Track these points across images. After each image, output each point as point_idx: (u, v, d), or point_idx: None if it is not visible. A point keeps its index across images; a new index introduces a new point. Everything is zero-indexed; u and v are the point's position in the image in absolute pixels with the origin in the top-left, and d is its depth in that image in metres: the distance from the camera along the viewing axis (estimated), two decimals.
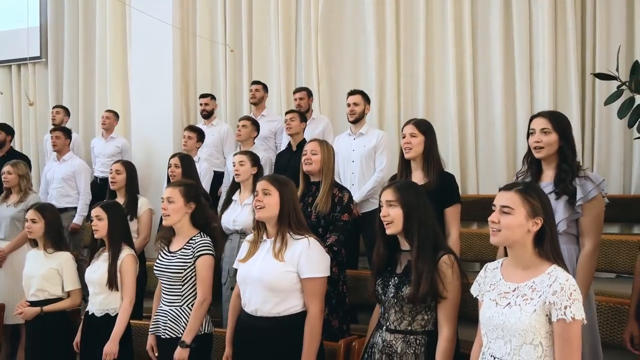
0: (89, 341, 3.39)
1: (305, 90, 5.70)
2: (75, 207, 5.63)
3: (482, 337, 2.13)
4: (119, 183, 4.29)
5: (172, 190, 3.13)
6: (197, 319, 3.02)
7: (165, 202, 3.10)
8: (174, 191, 3.11)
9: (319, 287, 2.69)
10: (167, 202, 3.09)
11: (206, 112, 6.13)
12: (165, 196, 3.11)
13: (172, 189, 3.13)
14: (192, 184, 3.28)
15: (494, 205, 2.08)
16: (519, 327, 1.95)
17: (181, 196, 3.10)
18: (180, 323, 3.03)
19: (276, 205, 2.73)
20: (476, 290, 2.22)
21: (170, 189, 3.14)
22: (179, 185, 3.16)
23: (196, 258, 3.04)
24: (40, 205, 3.72)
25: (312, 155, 3.62)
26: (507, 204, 2.03)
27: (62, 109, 6.82)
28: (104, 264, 3.38)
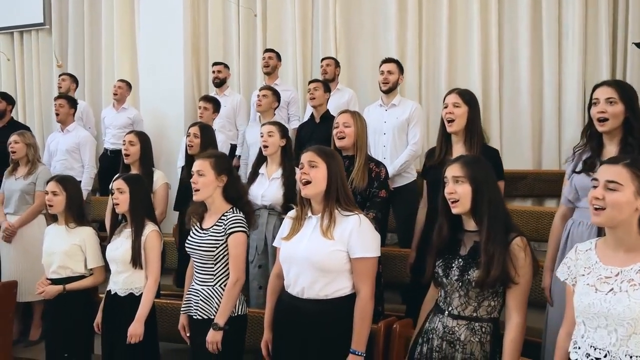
0: (111, 322, 3.19)
1: (332, 59, 5.44)
2: (80, 180, 5.37)
3: (578, 325, 1.92)
4: (132, 155, 4.05)
5: (202, 162, 2.90)
6: (230, 300, 2.83)
7: (195, 175, 2.88)
8: (204, 163, 2.89)
9: (371, 267, 2.48)
10: (197, 175, 2.87)
11: (218, 80, 5.86)
12: (195, 169, 2.89)
13: (202, 161, 2.90)
14: (223, 155, 3.06)
15: (596, 180, 1.86)
16: (627, 315, 1.76)
17: (212, 168, 2.88)
18: (212, 304, 2.85)
19: (324, 180, 2.50)
20: (565, 274, 2.01)
21: (200, 161, 2.91)
22: (210, 157, 2.93)
23: (228, 235, 2.84)
24: (62, 176, 3.48)
25: (345, 127, 3.39)
26: (615, 179, 1.82)
27: (68, 76, 6.52)
28: (127, 241, 3.16)
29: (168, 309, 3.54)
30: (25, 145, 4.46)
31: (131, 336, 3.01)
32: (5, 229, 4.36)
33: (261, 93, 4.84)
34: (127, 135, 4.09)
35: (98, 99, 7.28)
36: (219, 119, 5.56)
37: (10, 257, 4.42)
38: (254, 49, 6.62)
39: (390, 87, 4.50)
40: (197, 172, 2.87)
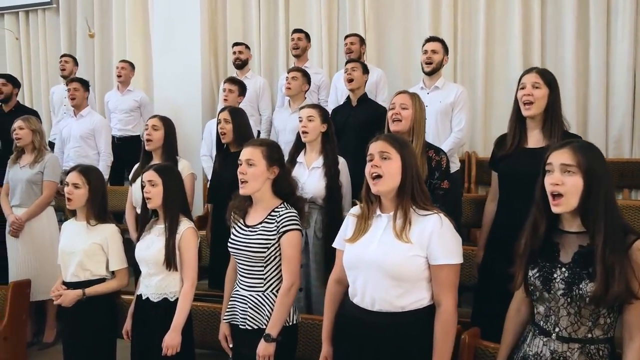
0: (143, 330, 2.83)
1: (357, 36, 5.05)
2: None
3: None
4: (155, 141, 3.69)
5: (252, 150, 2.53)
6: (284, 308, 2.49)
7: (244, 165, 2.52)
8: (255, 152, 2.53)
9: (455, 275, 2.12)
10: (247, 165, 2.51)
11: (240, 61, 5.48)
12: (245, 158, 2.53)
13: (253, 149, 2.54)
14: (275, 144, 2.69)
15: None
16: None
17: (263, 158, 2.52)
18: (263, 312, 2.50)
19: (397, 173, 2.14)
20: None
21: (250, 149, 2.54)
22: (261, 145, 2.57)
23: (281, 234, 2.49)
24: (85, 167, 3.09)
25: (402, 109, 3.03)
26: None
27: (70, 58, 6.15)
28: (159, 239, 2.80)
29: (203, 312, 3.19)
30: (30, 131, 4.09)
31: (167, 347, 2.67)
32: (12, 222, 4.01)
33: (290, 75, 4.46)
34: (151, 120, 3.72)
35: (109, 84, 6.87)
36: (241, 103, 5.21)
37: (19, 254, 4.07)
38: (276, 30, 6.23)
39: (434, 67, 4.13)
40: (247, 162, 2.52)
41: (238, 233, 2.59)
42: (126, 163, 5.52)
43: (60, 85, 6.16)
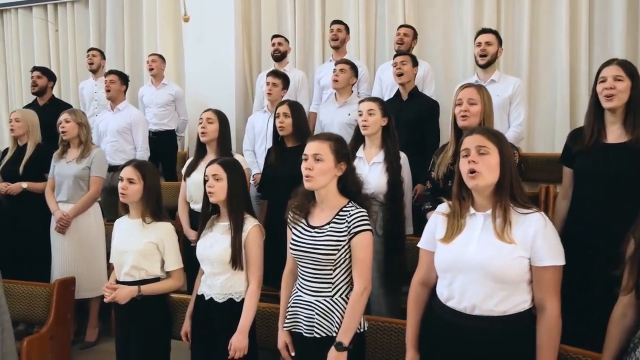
0: (205, 332, 2.72)
1: (411, 29, 4.91)
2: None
3: None
4: (210, 134, 3.57)
5: (320, 144, 2.38)
6: (356, 315, 2.32)
7: (311, 160, 2.36)
8: (323, 146, 2.37)
9: (559, 277, 1.99)
10: (314, 160, 2.36)
11: (279, 53, 5.35)
12: (312, 152, 2.36)
13: (321, 144, 2.38)
14: (342, 139, 2.54)
15: None
16: None
17: (331, 153, 2.37)
18: (333, 319, 2.33)
19: (496, 169, 2.01)
20: None
21: (317, 144, 2.39)
22: (329, 139, 2.41)
23: (352, 235, 2.32)
24: (140, 162, 2.97)
25: (470, 105, 2.90)
26: None
27: (98, 52, 6.03)
28: (223, 237, 2.68)
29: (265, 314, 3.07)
30: (77, 124, 3.97)
31: (235, 350, 2.55)
32: (59, 219, 3.90)
33: (338, 67, 4.32)
34: (205, 113, 3.61)
35: (139, 78, 6.77)
36: None
37: (65, 250, 3.96)
38: (311, 22, 6.09)
39: (489, 60, 4.00)
40: (314, 157, 2.36)
41: (302, 234, 2.42)
42: (161, 157, 5.43)
43: (89, 80, 6.05)
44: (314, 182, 2.36)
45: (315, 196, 2.44)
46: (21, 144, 4.22)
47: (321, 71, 5.32)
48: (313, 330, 2.34)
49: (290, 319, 2.44)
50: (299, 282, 2.45)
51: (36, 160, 4.14)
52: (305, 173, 2.37)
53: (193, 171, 3.59)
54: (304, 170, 2.37)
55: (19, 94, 7.46)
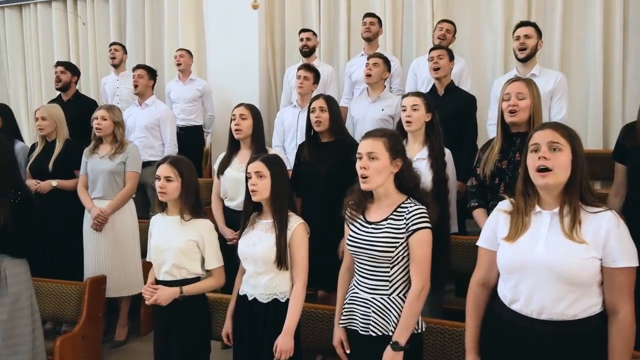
0: (248, 333, 2.63)
1: (451, 24, 4.81)
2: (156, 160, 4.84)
3: None
4: (245, 130, 3.48)
5: (374, 142, 2.32)
6: (414, 314, 2.28)
7: (365, 158, 2.31)
8: (376, 144, 2.31)
9: (632, 279, 1.90)
10: (368, 158, 2.30)
11: (308, 49, 5.25)
12: (366, 150, 2.31)
13: (374, 141, 2.32)
14: (396, 134, 2.46)
15: None
16: None
17: (386, 150, 2.31)
18: (389, 318, 2.29)
19: (568, 166, 1.92)
20: None
21: (371, 141, 2.33)
22: (382, 136, 2.35)
23: (411, 232, 2.27)
24: (176, 159, 2.86)
25: (518, 100, 2.80)
26: None
27: (120, 46, 5.96)
28: (266, 235, 2.59)
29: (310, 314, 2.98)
30: (113, 123, 3.90)
31: (281, 352, 2.47)
32: (97, 215, 3.82)
33: (371, 61, 4.21)
34: (238, 109, 3.51)
35: (160, 71, 6.62)
36: None
37: (100, 248, 3.89)
38: (336, 16, 5.98)
39: (528, 54, 3.88)
40: (368, 155, 2.31)
41: (359, 230, 2.38)
42: (188, 153, 5.30)
43: (111, 76, 5.99)
44: (370, 182, 2.32)
45: (372, 192, 2.39)
46: (49, 140, 4.14)
47: (352, 65, 5.23)
48: (369, 328, 2.31)
49: (346, 315, 2.41)
50: (356, 279, 2.42)
51: (65, 157, 4.07)
52: (360, 173, 2.32)
53: (227, 167, 3.50)
54: (359, 170, 2.33)
55: (38, 89, 7.40)
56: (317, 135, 3.54)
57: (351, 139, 3.61)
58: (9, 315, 3.04)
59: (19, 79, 7.52)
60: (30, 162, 4.12)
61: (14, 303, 3.07)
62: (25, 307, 3.13)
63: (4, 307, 3.04)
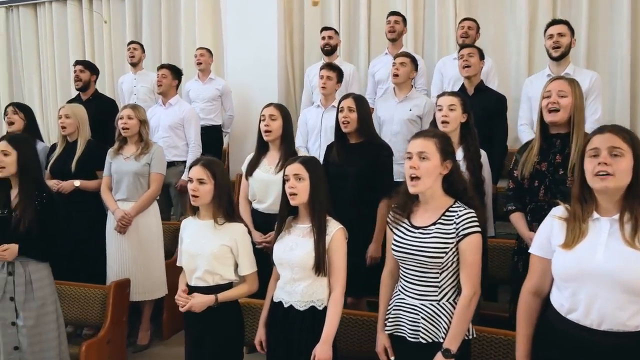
0: (283, 341, 2.55)
1: (474, 21, 4.72)
2: (184, 160, 4.78)
3: None
4: (274, 131, 3.39)
5: (424, 142, 2.24)
6: (465, 320, 2.22)
7: (416, 158, 2.23)
8: (428, 144, 2.24)
9: None
10: (419, 158, 2.22)
11: (329, 47, 5.17)
12: (417, 150, 2.23)
13: (425, 141, 2.25)
14: (446, 135, 2.38)
15: None
16: None
17: (437, 151, 2.24)
18: (440, 324, 2.23)
19: (629, 171, 1.84)
20: None
21: (421, 141, 2.25)
22: (434, 137, 2.27)
23: (461, 237, 2.21)
24: (208, 160, 2.75)
25: (560, 98, 2.71)
26: None
27: (138, 45, 5.88)
28: (304, 241, 2.51)
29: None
30: (139, 121, 3.83)
31: None
32: (121, 218, 3.75)
33: (398, 61, 4.12)
34: (267, 109, 3.43)
35: None
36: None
37: (123, 250, 3.82)
38: (357, 14, 5.89)
39: (562, 52, 3.80)
40: (419, 155, 2.23)
41: (405, 235, 2.31)
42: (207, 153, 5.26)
43: (128, 74, 5.92)
44: (420, 184, 2.25)
45: (418, 195, 2.32)
46: (71, 140, 4.06)
47: (376, 64, 5.15)
48: (418, 334, 2.25)
49: (392, 322, 2.36)
50: (402, 285, 2.36)
51: (88, 157, 3.99)
52: (410, 173, 2.25)
53: (255, 169, 3.42)
54: (409, 170, 2.25)
55: (53, 88, 7.34)
56: (345, 136, 3.46)
57: (380, 139, 3.53)
58: (35, 321, 3.00)
59: (33, 78, 7.47)
60: (51, 163, 4.04)
61: (40, 308, 3.03)
62: (51, 311, 3.08)
63: (30, 312, 3.00)
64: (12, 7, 7.43)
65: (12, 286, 2.99)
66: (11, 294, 2.99)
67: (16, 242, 2.92)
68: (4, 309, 3.00)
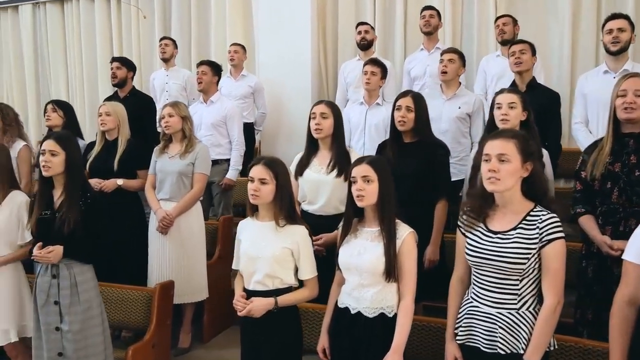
0: (349, 349, 2.43)
1: (510, 17, 4.60)
2: (227, 159, 4.69)
3: None
4: (325, 130, 3.26)
5: (504, 143, 2.13)
6: (548, 331, 2.11)
7: (495, 161, 2.12)
8: (507, 145, 2.12)
9: None
10: (498, 160, 2.11)
11: (366, 42, 5.06)
12: (496, 152, 2.12)
13: (505, 142, 2.13)
14: (526, 135, 2.26)
15: None
16: None
17: (518, 152, 2.12)
18: (520, 335, 2.12)
19: None
20: None
21: (500, 142, 2.14)
22: (514, 137, 2.16)
23: (544, 243, 2.09)
24: (271, 160, 2.64)
25: (636, 97, 2.61)
26: None
27: (170, 40, 5.77)
28: (373, 245, 2.39)
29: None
30: (180, 118, 3.73)
31: None
32: (162, 218, 3.65)
33: (446, 57, 3.98)
34: (319, 106, 3.29)
35: None
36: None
37: (164, 252, 3.73)
38: (392, 9, 5.76)
39: (622, 47, 3.65)
40: (499, 157, 2.11)
41: (481, 240, 2.19)
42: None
43: (160, 71, 5.83)
44: (499, 184, 2.13)
45: (494, 198, 2.20)
46: (110, 139, 3.96)
47: (411, 61, 5.02)
48: (496, 345, 2.14)
49: (464, 331, 2.25)
50: (476, 292, 2.24)
51: (128, 156, 3.89)
52: (488, 175, 2.13)
53: (306, 169, 3.30)
54: (488, 173, 2.14)
55: (80, 85, 7.26)
56: (400, 135, 3.34)
57: (435, 138, 3.42)
58: (81, 325, 2.90)
59: (60, 75, 7.38)
60: (90, 161, 3.94)
61: (86, 311, 2.93)
62: (96, 315, 2.99)
63: (76, 315, 2.90)
64: (38, 3, 7.35)
65: (57, 289, 2.89)
66: (55, 298, 2.89)
67: (60, 244, 2.83)
68: (47, 314, 2.91)
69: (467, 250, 2.23)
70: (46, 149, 2.86)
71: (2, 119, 4.30)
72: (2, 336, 3.18)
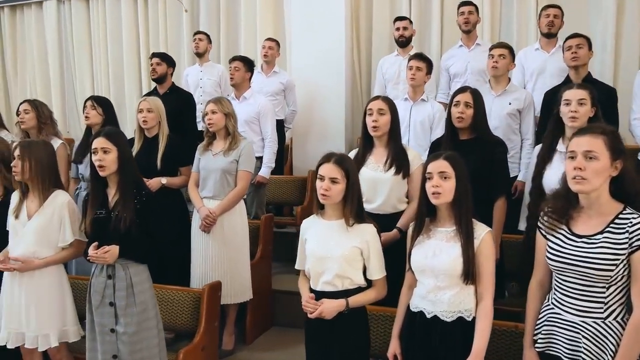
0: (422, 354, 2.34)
1: (559, 8, 4.45)
2: (260, 156, 4.59)
3: None
4: (382, 127, 3.15)
5: (592, 139, 2.02)
6: (638, 344, 1.99)
7: (581, 157, 2.01)
8: (595, 142, 2.01)
9: None
10: (585, 158, 2.00)
11: (404, 38, 4.96)
12: (583, 149, 2.01)
13: (593, 138, 2.02)
14: (616, 131, 2.14)
15: None
16: None
17: (607, 150, 2.01)
18: (607, 346, 2.01)
19: None
20: None
21: (588, 138, 2.03)
22: (602, 133, 2.05)
23: (635, 249, 1.98)
24: (342, 157, 2.52)
25: None
26: None
27: (204, 35, 5.64)
28: (449, 246, 2.30)
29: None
30: (224, 115, 3.63)
31: None
32: (205, 216, 3.56)
33: (496, 53, 3.88)
34: (374, 102, 3.17)
35: None
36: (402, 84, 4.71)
37: (207, 252, 3.63)
38: (429, 3, 5.64)
39: None
40: (585, 154, 2.00)
41: (565, 244, 2.08)
42: None
43: (194, 66, 5.72)
44: (587, 184, 2.01)
45: (579, 199, 2.08)
46: (150, 136, 3.87)
47: (449, 58, 4.92)
48: (579, 355, 2.04)
49: (544, 338, 2.15)
50: (557, 298, 2.13)
51: (170, 154, 3.80)
52: (574, 174, 2.02)
53: (362, 167, 3.20)
54: (573, 171, 2.02)
55: (105, 82, 7.19)
56: (456, 131, 3.24)
57: (493, 135, 3.31)
58: (137, 327, 2.82)
59: (85, 72, 7.31)
60: None
61: (142, 313, 2.84)
62: (152, 316, 2.91)
63: (132, 317, 2.81)
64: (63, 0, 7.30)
65: (112, 290, 2.82)
66: (111, 299, 2.82)
67: (115, 244, 2.74)
68: (102, 315, 2.83)
69: (549, 254, 2.12)
70: (97, 147, 2.77)
71: (37, 117, 4.23)
72: (42, 341, 3.08)
